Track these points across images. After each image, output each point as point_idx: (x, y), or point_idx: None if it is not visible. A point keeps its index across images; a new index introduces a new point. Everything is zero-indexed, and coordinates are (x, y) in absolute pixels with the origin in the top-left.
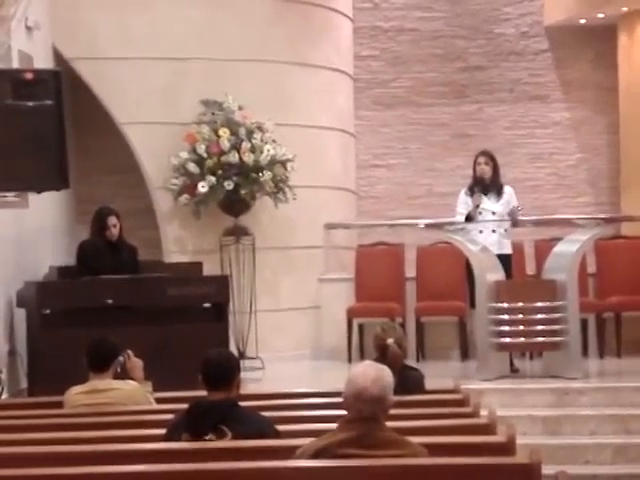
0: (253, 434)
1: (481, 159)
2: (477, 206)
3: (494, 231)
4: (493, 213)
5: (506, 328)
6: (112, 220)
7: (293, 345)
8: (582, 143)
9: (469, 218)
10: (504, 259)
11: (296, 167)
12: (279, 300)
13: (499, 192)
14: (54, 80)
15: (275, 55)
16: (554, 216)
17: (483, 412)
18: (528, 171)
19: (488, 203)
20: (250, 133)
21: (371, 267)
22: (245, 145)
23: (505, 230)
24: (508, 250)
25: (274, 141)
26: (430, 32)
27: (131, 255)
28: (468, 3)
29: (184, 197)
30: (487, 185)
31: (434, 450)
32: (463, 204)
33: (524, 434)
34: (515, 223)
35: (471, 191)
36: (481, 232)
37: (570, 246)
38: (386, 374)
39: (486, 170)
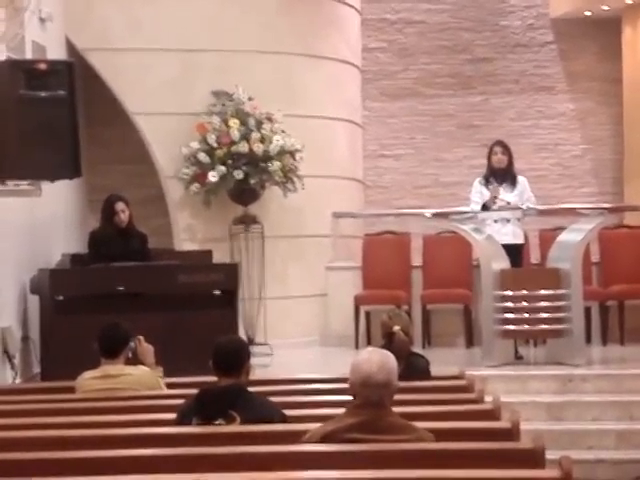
0: (262, 419)
1: (497, 149)
2: (495, 197)
3: (508, 221)
4: (508, 203)
5: (511, 316)
6: (120, 205)
7: (301, 332)
8: (586, 134)
9: (485, 208)
10: (517, 248)
11: (305, 157)
12: (288, 287)
13: (513, 182)
14: (67, 71)
15: (284, 47)
16: (559, 205)
17: (488, 398)
18: (533, 161)
19: (503, 193)
20: (260, 124)
21: (378, 255)
22: (255, 135)
23: (518, 219)
24: (521, 240)
25: (283, 131)
26: (437, 24)
27: (141, 242)
28: None
29: (195, 186)
30: (503, 175)
31: (439, 435)
32: (478, 193)
33: (528, 420)
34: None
35: (486, 180)
36: (496, 222)
37: (574, 235)
38: (390, 359)
39: (503, 160)
